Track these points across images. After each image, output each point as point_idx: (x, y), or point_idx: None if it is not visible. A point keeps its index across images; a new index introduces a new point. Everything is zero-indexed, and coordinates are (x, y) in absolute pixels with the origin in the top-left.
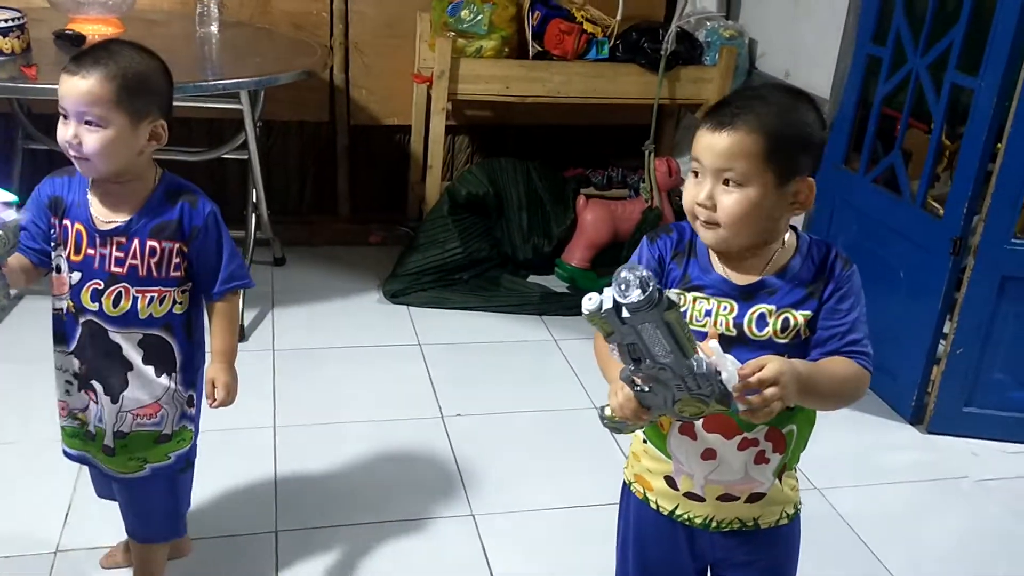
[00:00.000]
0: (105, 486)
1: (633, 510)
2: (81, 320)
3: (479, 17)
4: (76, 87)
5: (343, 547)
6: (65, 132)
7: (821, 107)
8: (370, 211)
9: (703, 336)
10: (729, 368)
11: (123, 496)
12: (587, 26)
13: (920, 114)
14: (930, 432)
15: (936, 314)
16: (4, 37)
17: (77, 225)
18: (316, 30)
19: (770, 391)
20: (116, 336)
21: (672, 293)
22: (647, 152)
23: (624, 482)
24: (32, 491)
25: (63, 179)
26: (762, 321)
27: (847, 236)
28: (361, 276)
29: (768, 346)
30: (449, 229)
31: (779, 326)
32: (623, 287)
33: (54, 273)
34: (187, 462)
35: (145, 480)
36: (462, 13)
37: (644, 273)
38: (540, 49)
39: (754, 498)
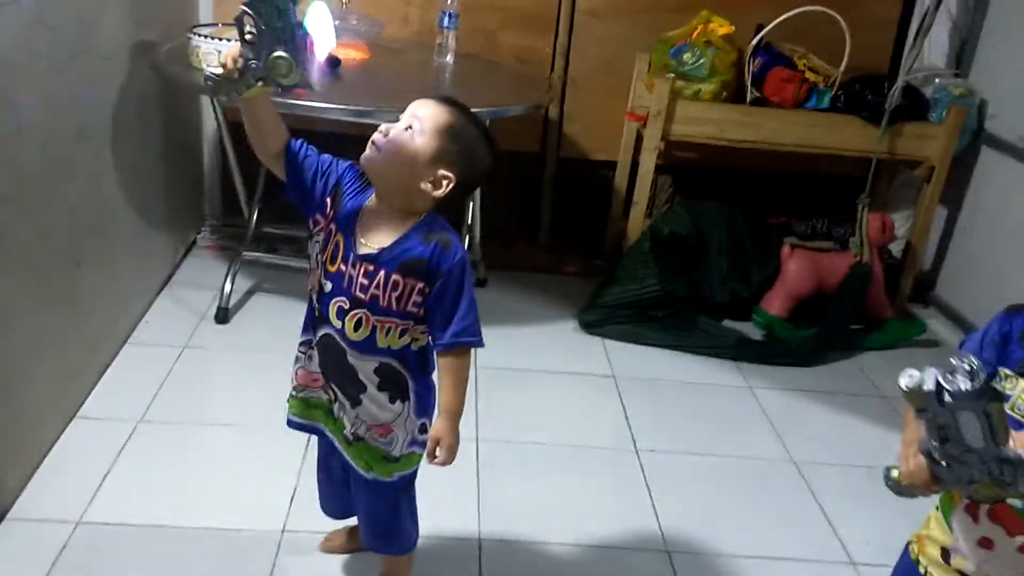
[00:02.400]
0: (334, 495)
1: (902, 568)
2: (322, 328)
3: (701, 61)
4: (426, 104)
5: (541, 563)
6: (387, 126)
7: None
8: (568, 241)
9: (1020, 425)
10: None
11: (356, 490)
12: (809, 75)
13: None
14: None
15: None
16: None
17: (338, 236)
18: (539, 64)
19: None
20: (352, 360)
21: (1008, 372)
22: (861, 206)
23: (907, 541)
24: (260, 472)
25: (359, 181)
26: None
27: None
28: (557, 304)
29: None
30: (649, 266)
31: None
32: (950, 374)
33: (312, 263)
34: (409, 481)
35: (369, 483)
36: (684, 56)
37: (975, 363)
38: (758, 95)
39: None
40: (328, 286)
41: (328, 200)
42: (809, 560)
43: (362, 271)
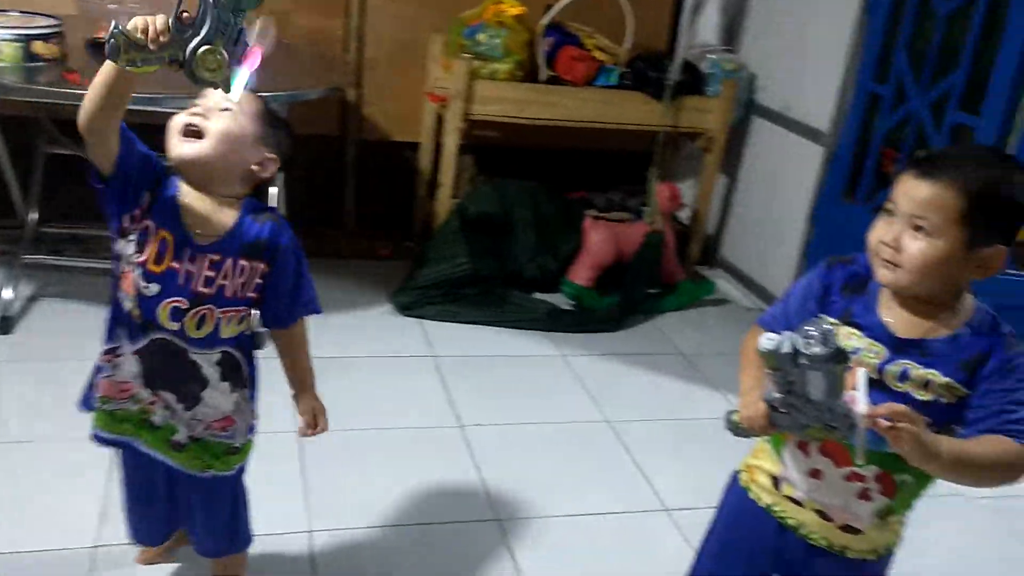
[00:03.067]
0: (152, 517)
1: (733, 494)
2: (151, 334)
3: (496, 41)
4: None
5: (376, 547)
6: (193, 116)
7: (819, 140)
8: (375, 226)
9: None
10: (861, 404)
11: (185, 504)
12: (597, 54)
13: (916, 149)
14: None
15: None
16: (45, 43)
17: (163, 232)
18: (332, 46)
19: (903, 424)
20: (195, 356)
21: (832, 321)
22: (650, 177)
23: (734, 471)
24: (63, 488)
25: (167, 173)
26: (904, 374)
27: None
28: (370, 288)
29: (904, 398)
30: (459, 245)
31: (920, 382)
32: (805, 339)
33: (122, 265)
34: (242, 472)
35: (207, 483)
36: (479, 36)
37: (827, 328)
38: (551, 74)
39: (848, 530)
40: (154, 289)
41: (146, 195)
42: (629, 512)
43: (206, 264)
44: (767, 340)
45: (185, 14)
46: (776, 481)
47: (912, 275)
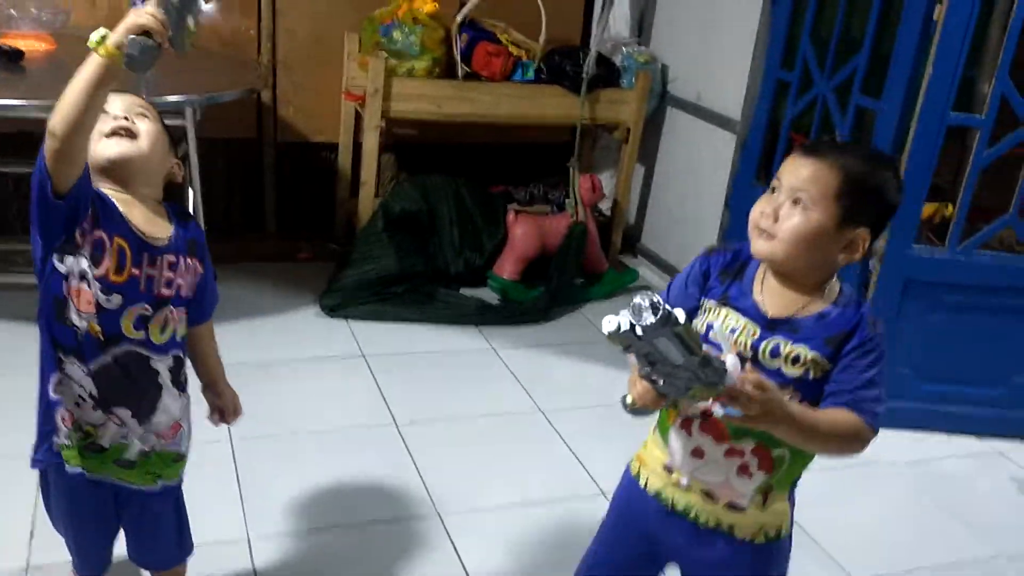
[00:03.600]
0: (102, 542)
1: (625, 481)
2: (112, 349)
3: (411, 38)
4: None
5: (316, 551)
6: (117, 122)
7: (731, 127)
8: (297, 228)
9: (720, 348)
10: (731, 361)
11: (132, 520)
12: (512, 49)
13: (822, 132)
14: None
15: None
16: None
17: (119, 241)
18: (244, 47)
19: (752, 389)
20: (156, 363)
21: (711, 303)
22: (571, 169)
23: (627, 463)
24: None
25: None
26: (776, 351)
27: None
28: (295, 292)
29: (777, 375)
30: (384, 244)
31: (790, 358)
32: (637, 312)
33: (71, 284)
34: (181, 478)
35: (157, 496)
36: (394, 34)
37: (655, 298)
38: (468, 71)
39: (733, 507)
40: (116, 300)
41: (91, 206)
42: (568, 498)
43: (166, 265)
44: (607, 323)
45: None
46: (668, 469)
47: (787, 245)
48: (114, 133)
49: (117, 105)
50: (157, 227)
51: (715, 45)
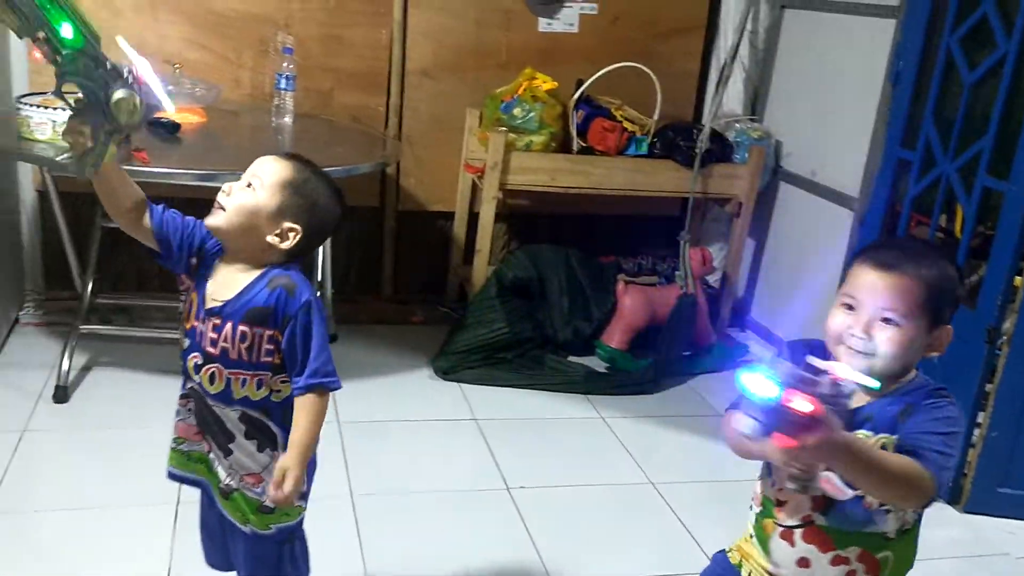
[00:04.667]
0: (216, 549)
1: (719, 569)
2: (189, 383)
3: (531, 114)
4: (266, 161)
5: None
6: (229, 186)
7: (848, 204)
8: (411, 292)
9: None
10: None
11: (235, 546)
12: (627, 124)
13: (945, 213)
14: (967, 512)
15: (972, 399)
16: None
17: (193, 293)
18: (372, 122)
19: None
20: (216, 410)
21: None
22: (683, 242)
23: (720, 551)
24: (129, 553)
25: (215, 241)
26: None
27: None
28: (408, 353)
29: None
30: (496, 310)
31: (878, 447)
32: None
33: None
34: (290, 535)
35: (250, 537)
36: (515, 111)
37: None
38: (584, 145)
39: None
40: (186, 343)
41: (193, 261)
42: (681, 574)
43: (210, 326)
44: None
45: (76, 101)
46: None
47: (886, 361)
48: (214, 206)
49: (243, 176)
50: (226, 289)
51: (832, 122)
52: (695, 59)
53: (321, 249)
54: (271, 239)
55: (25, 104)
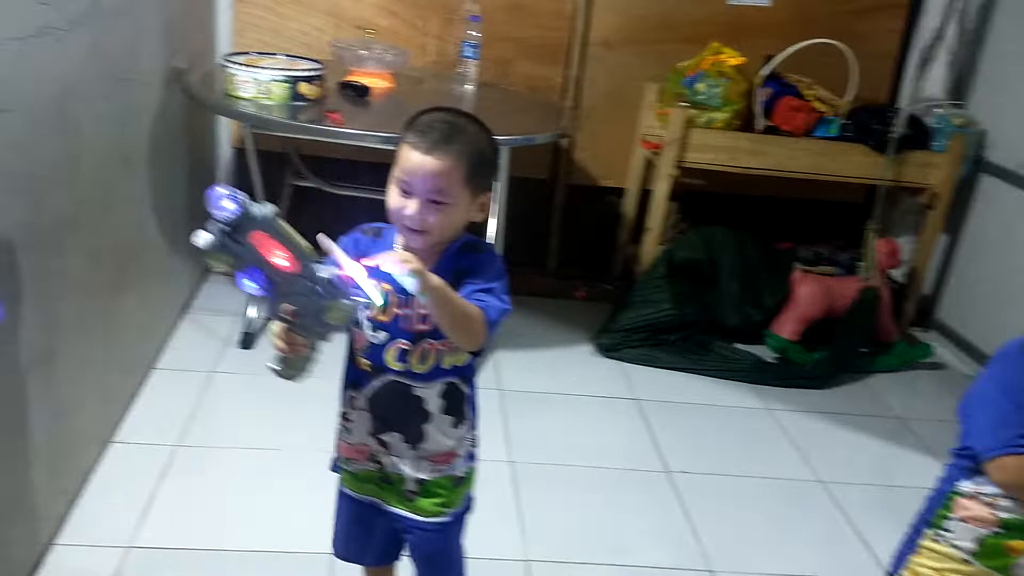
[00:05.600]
0: (363, 546)
1: None
2: (380, 379)
3: (715, 91)
4: (428, 166)
5: None
6: (406, 206)
7: None
8: (575, 267)
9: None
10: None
11: (421, 551)
12: (816, 104)
13: None
14: None
15: None
16: (309, 84)
17: (384, 285)
18: (549, 92)
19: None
20: (419, 391)
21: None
22: (869, 231)
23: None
24: (302, 495)
25: (370, 239)
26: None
27: None
28: (571, 328)
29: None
30: (664, 290)
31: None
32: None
33: (354, 327)
34: (471, 501)
35: (447, 526)
36: (698, 85)
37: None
38: (768, 124)
39: None
40: (381, 336)
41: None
42: None
43: (418, 304)
44: (199, 238)
45: (285, 306)
46: None
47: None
48: (407, 228)
49: (413, 199)
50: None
51: None
52: (895, 38)
53: (492, 221)
54: (474, 217)
55: (231, 62)
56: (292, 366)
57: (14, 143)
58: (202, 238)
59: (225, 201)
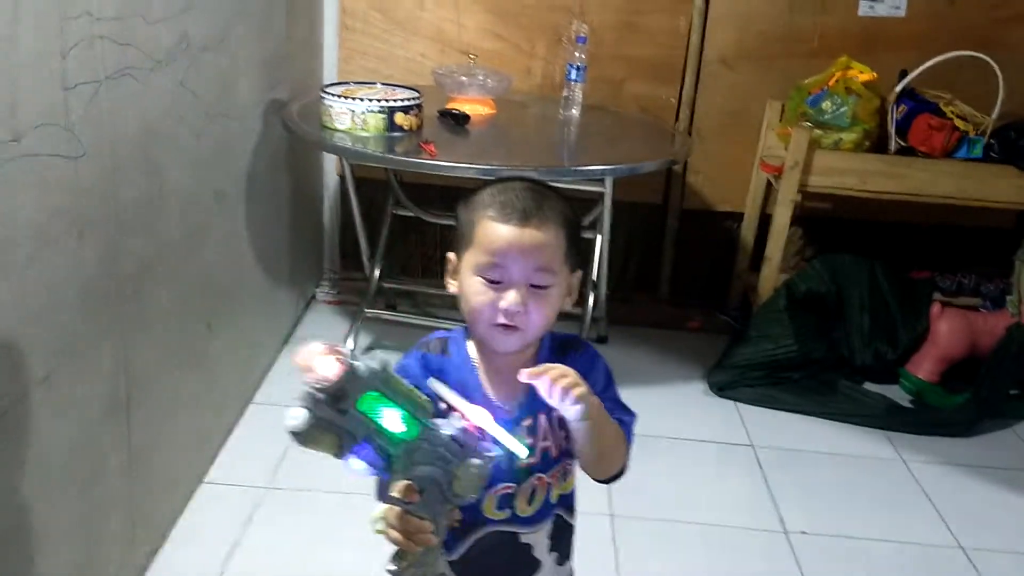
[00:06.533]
0: None
1: None
2: (475, 534)
3: (843, 109)
4: (528, 240)
5: None
6: (501, 298)
7: None
8: (689, 296)
9: None
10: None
11: None
12: (958, 122)
13: None
14: None
15: None
16: (405, 115)
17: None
18: (662, 113)
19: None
20: (527, 537)
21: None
22: (1019, 262)
23: None
24: None
25: (437, 356)
26: None
27: None
28: (682, 362)
29: None
30: (784, 324)
31: None
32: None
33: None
34: None
35: None
36: (823, 104)
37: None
38: (903, 144)
39: None
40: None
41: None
42: None
43: (523, 432)
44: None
45: (400, 484)
46: None
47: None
48: (498, 326)
49: (512, 286)
50: (511, 388)
51: None
52: None
53: (598, 247)
54: (565, 304)
55: (328, 94)
56: (416, 562)
57: (88, 189)
58: (295, 418)
59: (323, 364)
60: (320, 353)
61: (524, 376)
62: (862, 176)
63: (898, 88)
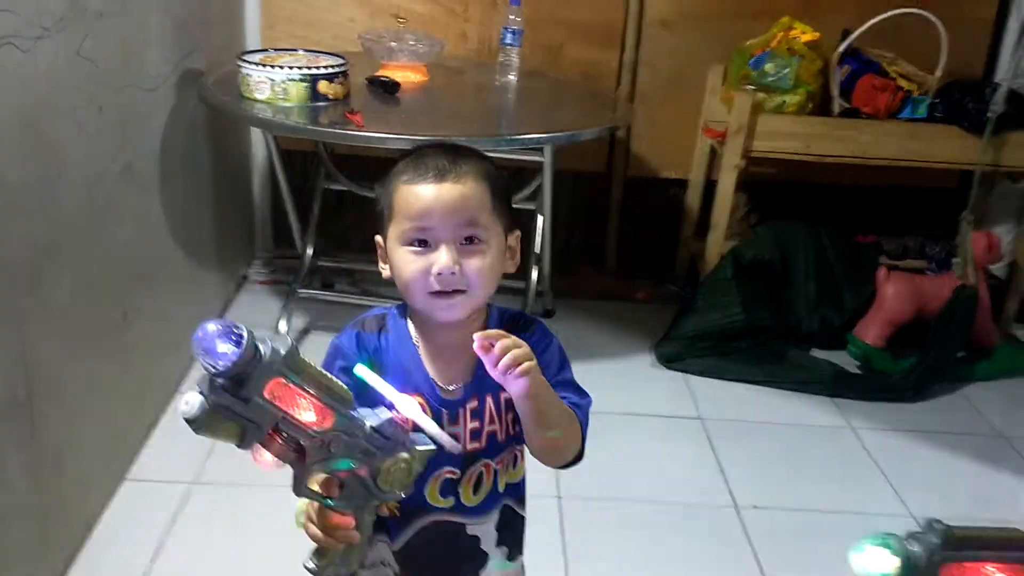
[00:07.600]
0: None
1: None
2: (418, 522)
3: (785, 71)
4: (447, 195)
5: None
6: (432, 262)
7: None
8: (636, 266)
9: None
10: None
11: None
12: (901, 82)
13: None
14: None
15: None
16: (329, 83)
17: (417, 396)
18: (603, 79)
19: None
20: (474, 528)
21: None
22: (964, 223)
23: None
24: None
25: (372, 335)
26: None
27: None
28: (630, 334)
29: None
30: (731, 293)
31: None
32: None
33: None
34: None
35: None
36: (766, 67)
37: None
38: (847, 106)
39: None
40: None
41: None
42: None
43: (468, 415)
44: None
45: (318, 478)
46: None
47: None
48: (435, 293)
49: (442, 247)
50: (456, 368)
51: None
52: (990, 5)
53: (540, 218)
54: (507, 267)
55: (245, 61)
56: (337, 560)
57: None
58: (189, 404)
59: (220, 343)
60: (216, 333)
61: (477, 341)
62: (806, 139)
63: (841, 48)
